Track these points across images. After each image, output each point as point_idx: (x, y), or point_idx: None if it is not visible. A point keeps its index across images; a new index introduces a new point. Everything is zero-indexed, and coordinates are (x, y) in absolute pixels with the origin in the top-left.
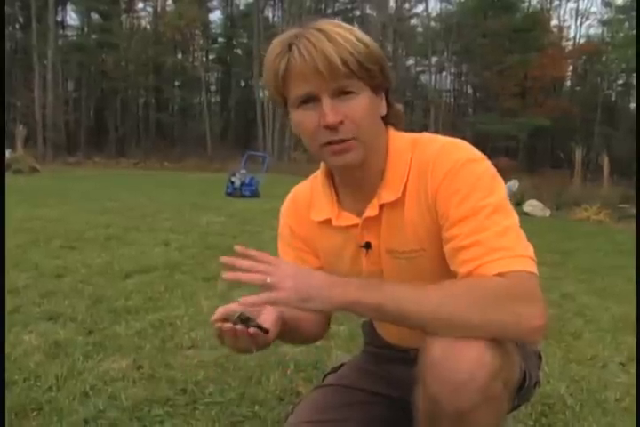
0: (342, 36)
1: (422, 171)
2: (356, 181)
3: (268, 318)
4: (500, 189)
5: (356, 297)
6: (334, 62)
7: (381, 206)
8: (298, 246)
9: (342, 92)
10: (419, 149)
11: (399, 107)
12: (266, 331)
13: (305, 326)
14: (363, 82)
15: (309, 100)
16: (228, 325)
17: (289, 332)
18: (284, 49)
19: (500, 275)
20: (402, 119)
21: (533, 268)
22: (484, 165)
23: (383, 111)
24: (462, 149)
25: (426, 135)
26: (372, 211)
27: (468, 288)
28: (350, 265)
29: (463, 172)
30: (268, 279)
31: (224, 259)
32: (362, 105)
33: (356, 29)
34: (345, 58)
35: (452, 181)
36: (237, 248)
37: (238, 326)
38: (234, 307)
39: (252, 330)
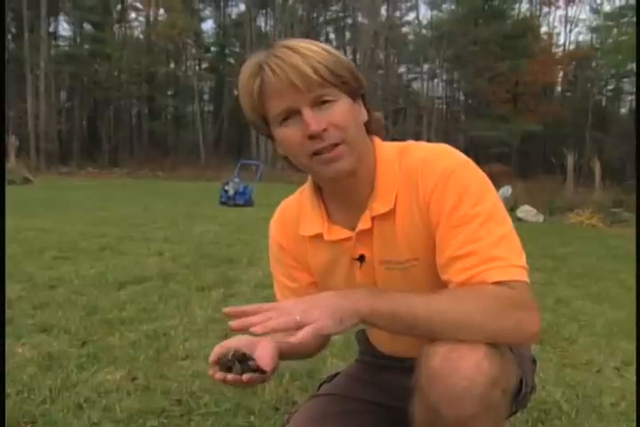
0: (308, 49)
1: (411, 179)
2: (345, 192)
3: (264, 353)
4: (491, 194)
5: (371, 306)
6: (305, 72)
7: (373, 218)
8: (288, 264)
9: (321, 102)
10: (405, 157)
11: (378, 115)
12: (262, 371)
13: (304, 346)
14: (338, 89)
15: (290, 115)
16: (219, 375)
17: (288, 356)
18: (255, 70)
19: (497, 284)
20: (382, 127)
21: (526, 277)
22: (472, 170)
23: (364, 117)
24: (449, 156)
25: (411, 143)
26: (364, 224)
27: (473, 294)
28: (344, 279)
29: (452, 179)
30: (298, 317)
31: (233, 325)
32: (342, 110)
33: (321, 43)
34: (315, 66)
35: (444, 190)
36: (226, 311)
37: (229, 376)
38: (230, 344)
39: (245, 377)
